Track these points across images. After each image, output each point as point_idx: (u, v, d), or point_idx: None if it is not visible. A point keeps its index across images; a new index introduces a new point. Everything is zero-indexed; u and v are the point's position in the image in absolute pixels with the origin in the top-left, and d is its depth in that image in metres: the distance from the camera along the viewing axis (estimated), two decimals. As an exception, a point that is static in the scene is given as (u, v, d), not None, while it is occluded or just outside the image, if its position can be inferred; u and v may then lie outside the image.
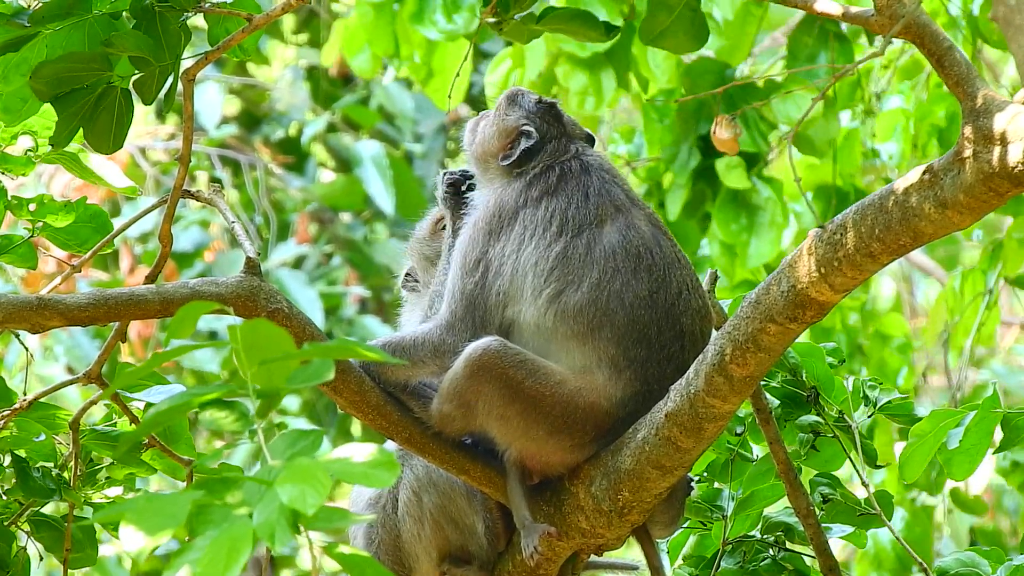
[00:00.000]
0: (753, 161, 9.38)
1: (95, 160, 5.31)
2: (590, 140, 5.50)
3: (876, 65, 9.68)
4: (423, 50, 9.83)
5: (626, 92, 9.58)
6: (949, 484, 11.52)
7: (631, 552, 5.49)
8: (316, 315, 12.60)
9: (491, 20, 5.18)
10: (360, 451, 3.30)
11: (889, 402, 5.35)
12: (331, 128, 13.93)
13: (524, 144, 5.35)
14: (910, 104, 9.73)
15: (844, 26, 9.01)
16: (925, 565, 5.21)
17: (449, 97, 6.08)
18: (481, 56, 12.87)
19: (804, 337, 5.82)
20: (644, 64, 9.22)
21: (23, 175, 5.27)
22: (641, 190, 9.59)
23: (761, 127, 9.25)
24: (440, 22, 9.46)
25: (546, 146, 5.38)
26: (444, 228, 5.56)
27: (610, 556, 5.53)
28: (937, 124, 9.65)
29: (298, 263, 13.51)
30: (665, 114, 9.48)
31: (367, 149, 13.59)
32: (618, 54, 9.28)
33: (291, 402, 12.69)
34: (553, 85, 9.62)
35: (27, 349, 5.37)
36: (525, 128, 5.39)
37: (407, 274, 5.74)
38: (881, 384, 5.33)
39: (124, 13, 4.87)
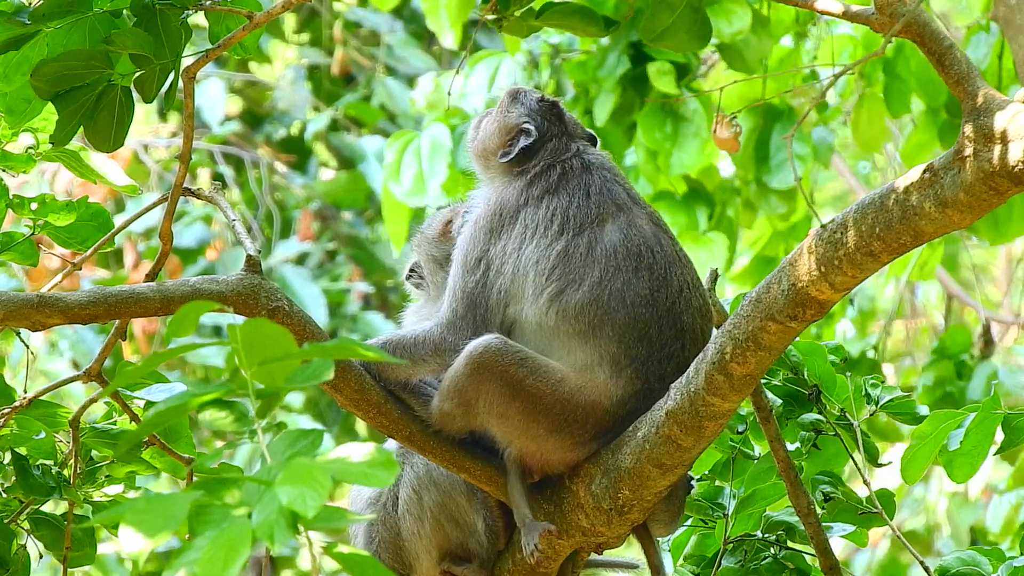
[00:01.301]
0: (683, 71, 9.36)
1: (96, 158, 5.31)
2: (592, 140, 5.51)
3: None
4: None
5: None
6: (948, 485, 11.51)
7: (631, 550, 5.50)
8: (320, 312, 12.62)
9: (491, 17, 5.18)
10: (359, 450, 3.30)
11: (891, 400, 5.35)
12: (333, 126, 13.94)
13: (523, 142, 5.36)
14: (858, 32, 9.69)
15: None
16: (926, 564, 5.21)
17: (452, 82, 6.10)
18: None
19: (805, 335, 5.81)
20: None
21: (24, 172, 5.27)
22: (569, 93, 9.58)
23: None
24: None
25: (547, 145, 5.38)
26: (453, 230, 5.55)
27: (610, 554, 5.53)
28: (884, 53, 9.62)
29: (301, 260, 13.52)
30: (602, 9, 9.44)
31: (370, 146, 13.60)
32: None
33: (295, 399, 12.70)
34: None
35: (28, 347, 5.37)
36: (525, 126, 5.39)
37: (412, 269, 5.74)
38: (883, 383, 5.33)
39: (124, 11, 4.87)
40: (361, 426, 12.99)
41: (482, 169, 5.49)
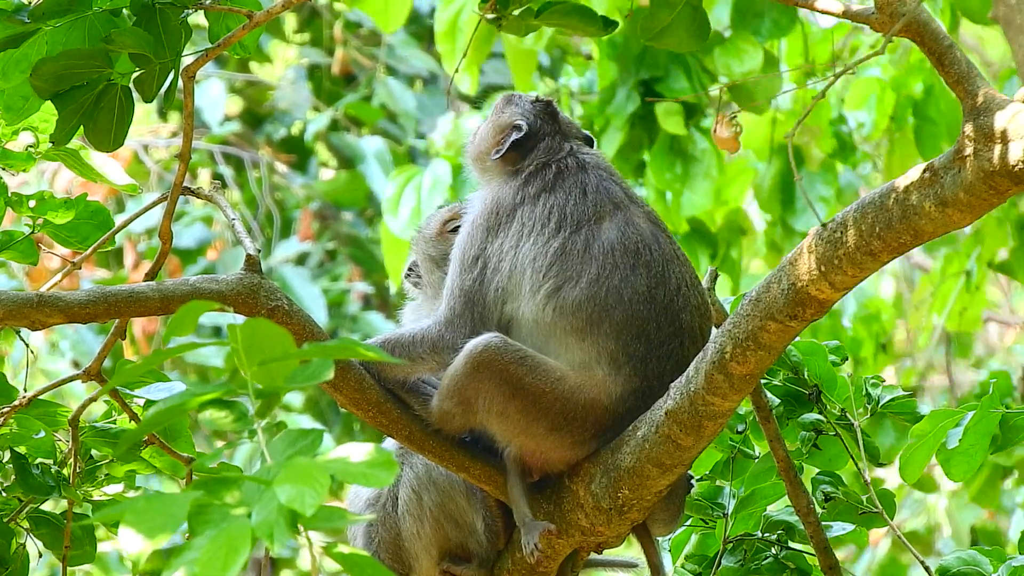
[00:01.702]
0: (692, 111, 9.36)
1: (96, 157, 5.31)
2: (589, 141, 5.51)
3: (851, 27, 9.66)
4: None
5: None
6: (948, 484, 11.49)
7: (631, 550, 5.49)
8: (320, 311, 12.63)
9: (490, 16, 5.19)
10: (358, 450, 3.30)
11: (892, 400, 5.34)
12: (333, 125, 13.94)
13: (514, 135, 5.36)
14: (886, 75, 9.70)
15: None
16: (927, 564, 5.21)
17: (452, 81, 6.09)
18: None
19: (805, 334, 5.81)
20: None
21: (24, 171, 5.28)
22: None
23: (703, 79, 9.21)
24: None
25: (540, 144, 5.38)
26: (452, 230, 5.55)
27: (610, 554, 5.53)
28: (913, 96, 9.62)
29: (301, 260, 13.52)
30: (617, 48, 9.45)
31: (370, 145, 13.60)
32: None
33: (295, 399, 12.70)
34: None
35: (28, 346, 5.37)
36: (517, 122, 5.40)
37: (410, 268, 5.75)
38: (883, 383, 5.32)
39: (124, 10, 4.87)
40: (362, 425, 12.99)
41: (479, 172, 5.50)
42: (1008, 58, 9.64)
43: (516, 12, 5.18)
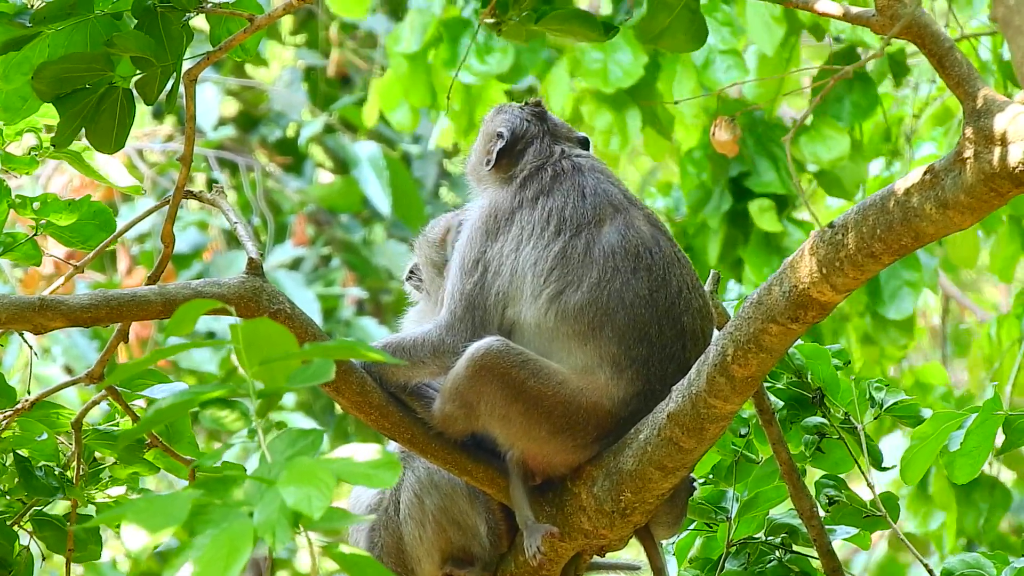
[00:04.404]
0: (783, 203, 9.36)
1: (99, 159, 5.32)
2: (583, 143, 5.51)
3: (908, 113, 9.68)
4: (461, 97, 9.72)
5: (654, 133, 9.49)
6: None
7: (635, 554, 5.49)
8: (314, 317, 12.60)
9: (489, 21, 5.19)
10: (361, 451, 3.30)
11: (896, 403, 5.34)
12: (328, 129, 13.93)
13: (498, 144, 5.37)
14: (942, 150, 9.71)
15: (869, 66, 9.00)
16: (930, 566, 5.21)
17: (448, 98, 6.11)
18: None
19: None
20: (669, 97, 9.14)
21: (27, 173, 5.27)
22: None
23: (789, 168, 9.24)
24: (474, 65, 9.39)
25: (529, 148, 5.39)
26: (450, 239, 5.55)
27: (612, 557, 5.53)
28: None
29: (295, 264, 13.51)
30: (702, 166, 9.44)
31: (364, 150, 13.59)
32: (643, 91, 9.22)
33: (287, 398, 12.68)
34: (578, 123, 9.54)
35: (31, 348, 5.37)
36: (499, 130, 5.41)
37: (411, 270, 5.74)
38: (888, 385, 5.32)
39: (126, 13, 4.88)
40: (355, 428, 12.98)
41: (476, 183, 5.51)
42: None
43: (516, 18, 5.18)
